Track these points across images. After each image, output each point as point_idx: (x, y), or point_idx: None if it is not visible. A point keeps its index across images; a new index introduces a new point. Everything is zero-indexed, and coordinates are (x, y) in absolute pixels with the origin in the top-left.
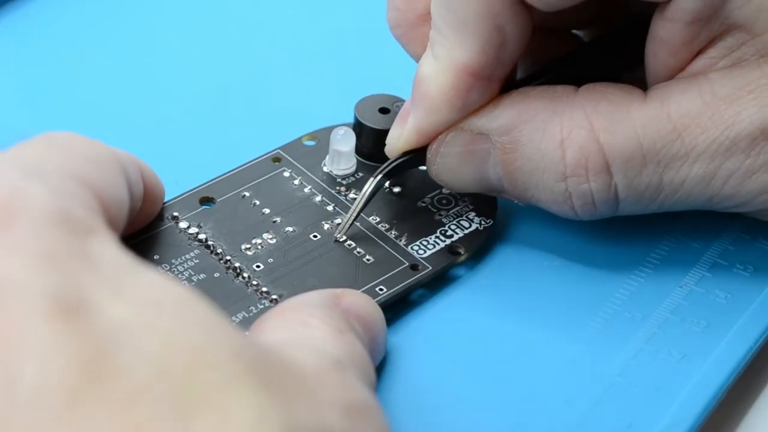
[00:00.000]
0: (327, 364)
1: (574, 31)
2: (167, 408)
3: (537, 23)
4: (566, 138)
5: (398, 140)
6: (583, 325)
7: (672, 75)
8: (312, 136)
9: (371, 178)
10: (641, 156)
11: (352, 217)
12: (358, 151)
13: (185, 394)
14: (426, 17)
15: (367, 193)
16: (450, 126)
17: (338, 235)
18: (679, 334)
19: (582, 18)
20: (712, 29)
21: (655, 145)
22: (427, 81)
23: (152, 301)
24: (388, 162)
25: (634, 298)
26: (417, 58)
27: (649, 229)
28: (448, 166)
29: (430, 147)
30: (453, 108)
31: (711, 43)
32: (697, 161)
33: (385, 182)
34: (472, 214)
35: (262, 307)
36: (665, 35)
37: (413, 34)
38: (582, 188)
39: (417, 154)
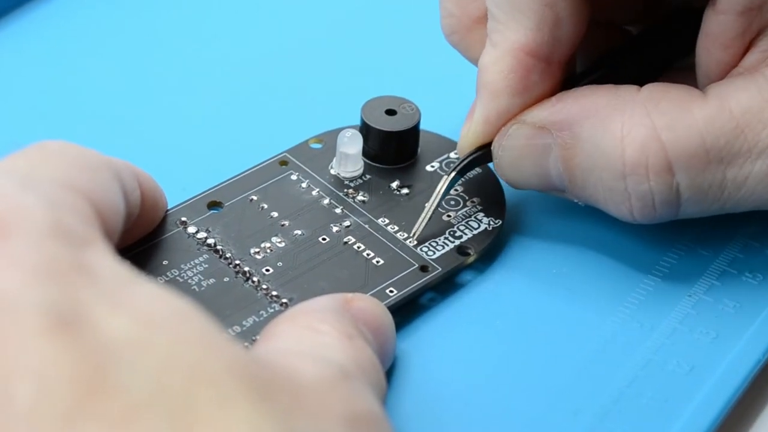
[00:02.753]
0: (332, 374)
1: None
2: (165, 425)
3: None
4: (627, 135)
5: (467, 135)
6: (592, 333)
7: (725, 71)
8: (319, 138)
9: (444, 176)
10: (704, 153)
11: (426, 218)
12: (366, 153)
13: (183, 410)
14: (482, 19)
15: (442, 191)
16: (515, 114)
17: (413, 238)
18: (688, 344)
19: (631, 13)
20: (764, 18)
21: (719, 141)
22: (488, 68)
23: (150, 316)
24: (461, 159)
25: (643, 307)
26: (477, 62)
27: (659, 237)
28: (510, 160)
29: (494, 141)
30: (515, 91)
31: (761, 33)
32: (759, 157)
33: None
34: (480, 215)
35: (272, 311)
36: (717, 29)
37: (471, 38)
38: (642, 189)
39: (488, 150)
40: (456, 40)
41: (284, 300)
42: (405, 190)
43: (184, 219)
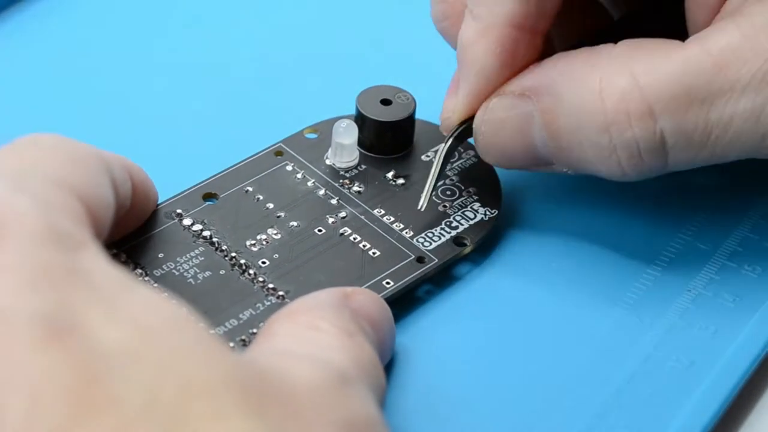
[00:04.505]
0: (330, 378)
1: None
2: None
3: None
4: (605, 87)
5: (454, 112)
6: (591, 329)
7: (712, 19)
8: (314, 128)
9: (443, 144)
10: (684, 94)
11: (431, 186)
12: (361, 143)
13: (176, 424)
14: None
15: (442, 157)
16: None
17: (421, 207)
18: (687, 339)
19: None
20: None
21: (698, 81)
22: (472, 44)
23: (145, 324)
24: (457, 127)
25: (642, 302)
26: None
27: (658, 231)
28: (493, 132)
29: (476, 116)
30: (503, 65)
31: None
32: (742, 95)
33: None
34: (476, 205)
35: (269, 303)
36: None
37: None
38: (626, 137)
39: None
40: (445, 26)
41: (281, 292)
42: (401, 180)
43: (179, 211)
